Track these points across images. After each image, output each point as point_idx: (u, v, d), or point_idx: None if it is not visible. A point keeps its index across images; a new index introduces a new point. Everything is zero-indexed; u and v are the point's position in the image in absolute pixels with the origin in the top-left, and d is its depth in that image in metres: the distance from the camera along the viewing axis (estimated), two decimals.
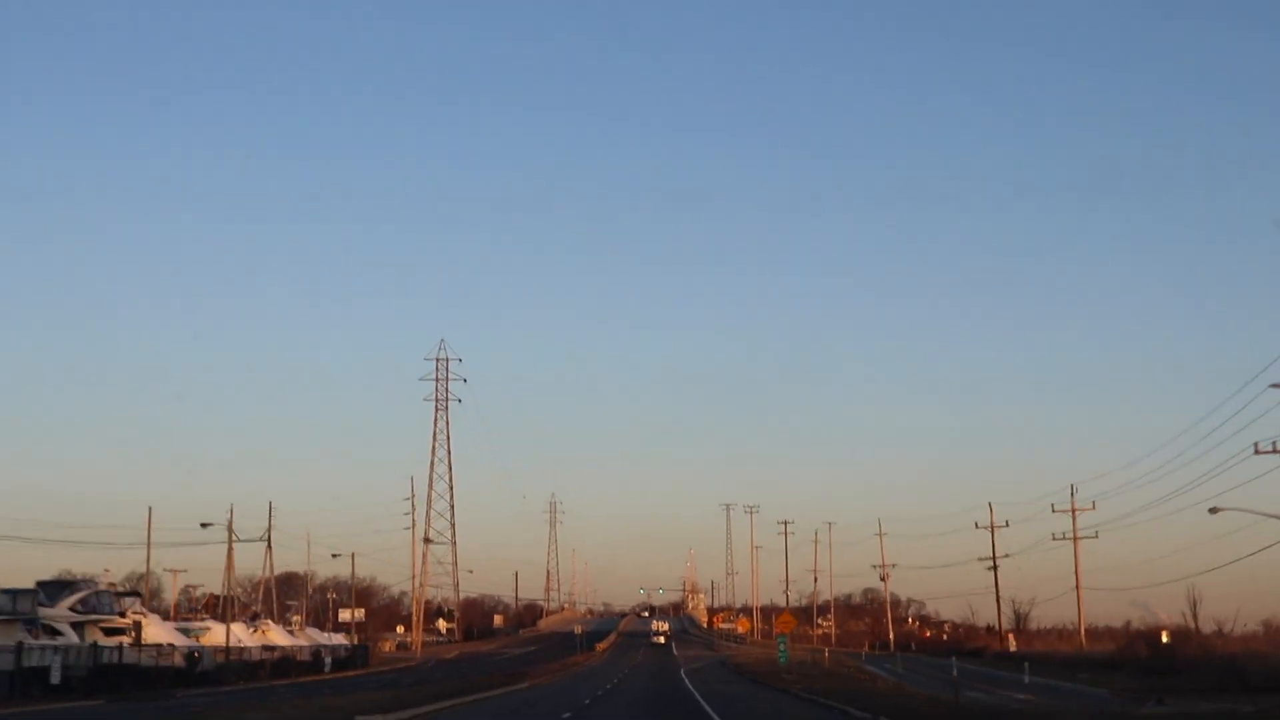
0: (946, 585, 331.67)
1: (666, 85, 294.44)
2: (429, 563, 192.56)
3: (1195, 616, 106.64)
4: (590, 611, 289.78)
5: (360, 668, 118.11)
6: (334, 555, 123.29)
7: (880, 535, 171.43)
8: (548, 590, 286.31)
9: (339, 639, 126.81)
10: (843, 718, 38.79)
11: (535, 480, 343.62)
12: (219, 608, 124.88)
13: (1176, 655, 75.29)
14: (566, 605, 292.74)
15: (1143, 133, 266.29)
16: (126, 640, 75.02)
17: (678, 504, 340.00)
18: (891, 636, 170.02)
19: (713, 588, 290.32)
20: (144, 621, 79.31)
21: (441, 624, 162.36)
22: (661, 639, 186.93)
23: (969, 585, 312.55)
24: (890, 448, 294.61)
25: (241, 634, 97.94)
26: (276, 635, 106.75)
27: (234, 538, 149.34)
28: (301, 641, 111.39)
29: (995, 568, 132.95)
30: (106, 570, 77.42)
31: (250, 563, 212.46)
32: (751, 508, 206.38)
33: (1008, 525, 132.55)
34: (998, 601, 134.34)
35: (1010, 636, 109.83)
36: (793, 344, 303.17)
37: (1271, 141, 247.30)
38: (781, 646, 70.68)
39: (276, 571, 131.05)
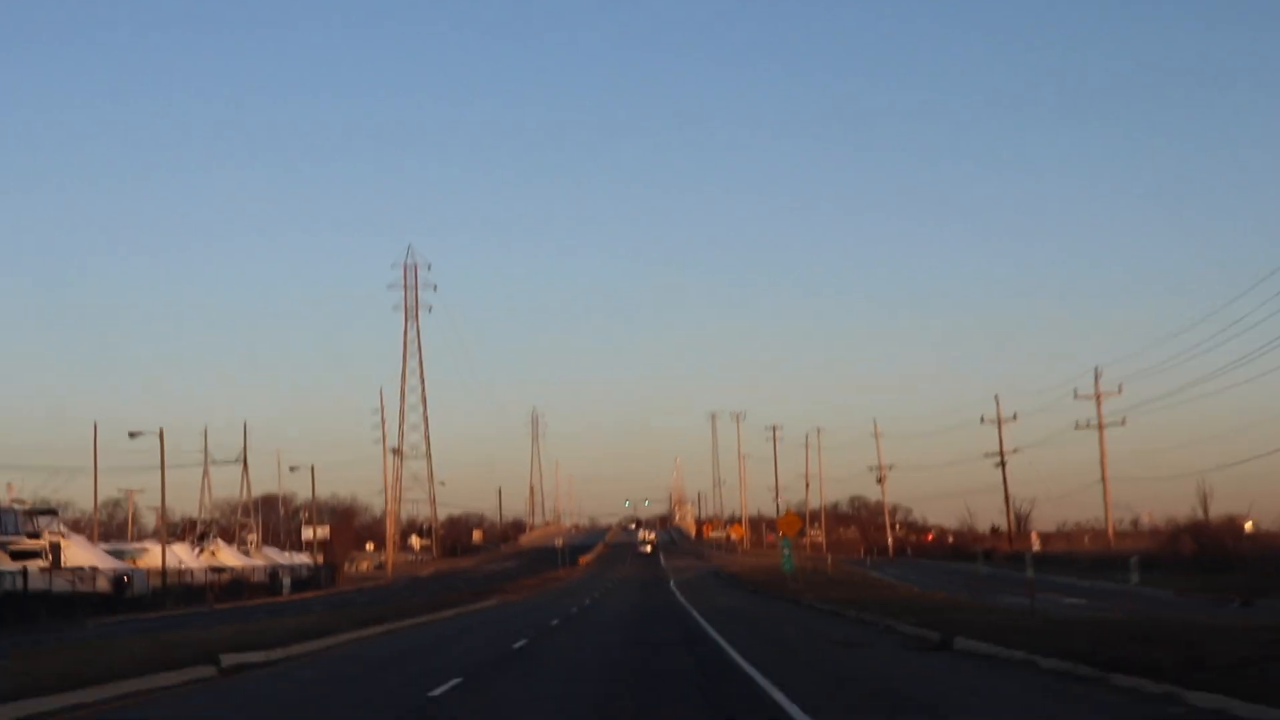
0: (946, 487, 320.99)
1: None
2: (404, 478, 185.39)
3: (1206, 511, 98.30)
4: (576, 527, 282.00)
5: (324, 588, 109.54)
6: (291, 469, 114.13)
7: (876, 435, 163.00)
8: (531, 505, 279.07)
9: (302, 559, 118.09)
10: (891, 635, 29.53)
11: (514, 392, 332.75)
12: (182, 530, 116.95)
13: (1230, 551, 66.45)
14: (550, 521, 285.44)
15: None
16: (42, 564, 65.77)
17: (663, 413, 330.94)
18: (890, 541, 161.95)
19: (699, 499, 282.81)
20: (63, 543, 70.01)
21: (415, 540, 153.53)
22: (648, 548, 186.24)
23: (970, 486, 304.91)
24: (886, 343, 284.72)
25: (185, 556, 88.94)
26: (228, 556, 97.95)
27: (209, 459, 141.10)
28: (257, 562, 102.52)
29: (1003, 464, 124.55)
30: (10, 485, 67.51)
31: (227, 487, 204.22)
32: (738, 414, 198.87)
33: (1015, 419, 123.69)
34: (1006, 500, 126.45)
35: (1034, 536, 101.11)
36: (774, 248, 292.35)
37: None
38: (785, 552, 61.54)
39: (256, 494, 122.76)
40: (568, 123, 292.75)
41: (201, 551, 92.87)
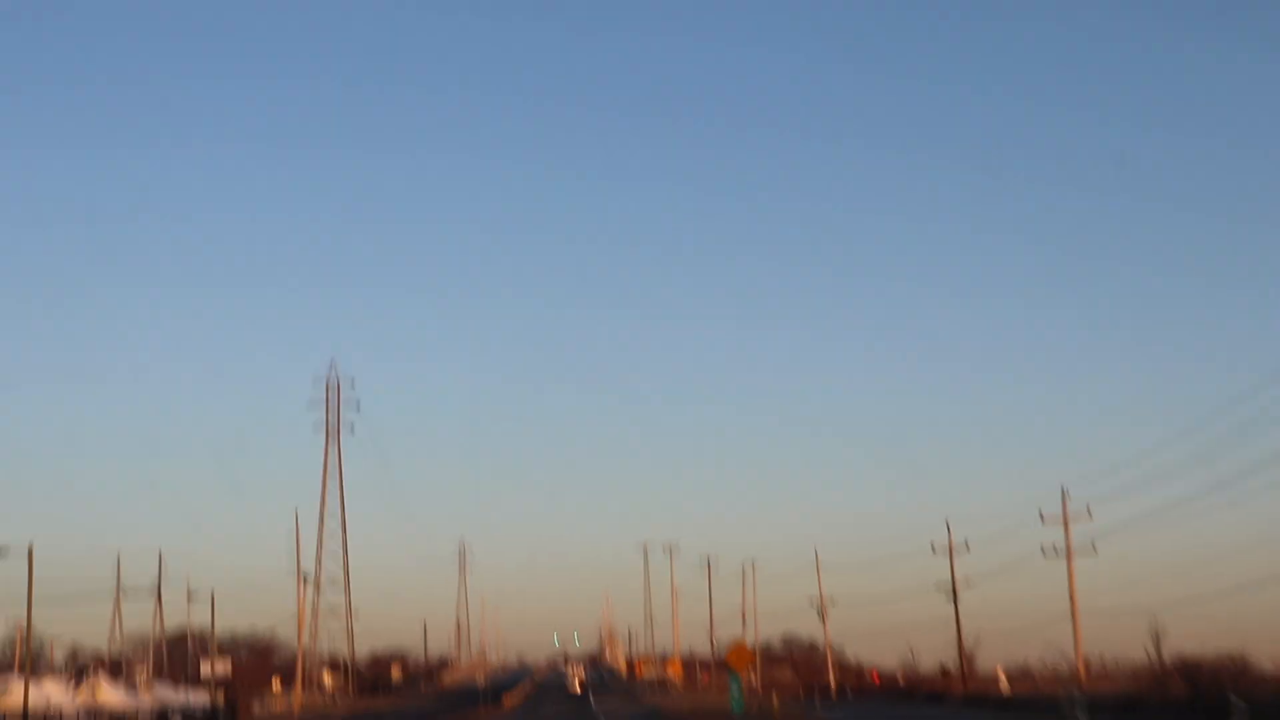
0: (887, 622, 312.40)
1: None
2: (320, 611, 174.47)
3: (1159, 650, 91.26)
4: (502, 665, 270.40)
5: None
6: (189, 600, 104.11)
7: (817, 566, 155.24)
8: (458, 641, 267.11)
9: (200, 697, 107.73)
10: None
11: (441, 521, 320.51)
12: (95, 669, 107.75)
13: (1230, 690, 59.43)
14: (476, 658, 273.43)
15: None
16: None
17: (594, 545, 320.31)
18: (833, 682, 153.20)
19: (629, 636, 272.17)
20: None
21: (328, 677, 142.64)
22: (578, 687, 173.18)
23: (913, 621, 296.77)
24: (828, 469, 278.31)
25: (58, 694, 79.03)
26: (110, 695, 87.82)
27: (121, 590, 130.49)
28: (144, 702, 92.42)
29: (955, 596, 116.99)
30: None
31: (142, 618, 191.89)
32: (670, 545, 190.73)
33: (968, 548, 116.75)
34: (959, 636, 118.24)
35: (1001, 674, 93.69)
36: (708, 371, 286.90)
37: None
38: (735, 691, 53.81)
39: (172, 626, 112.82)
40: (497, 241, 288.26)
41: (79, 689, 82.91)
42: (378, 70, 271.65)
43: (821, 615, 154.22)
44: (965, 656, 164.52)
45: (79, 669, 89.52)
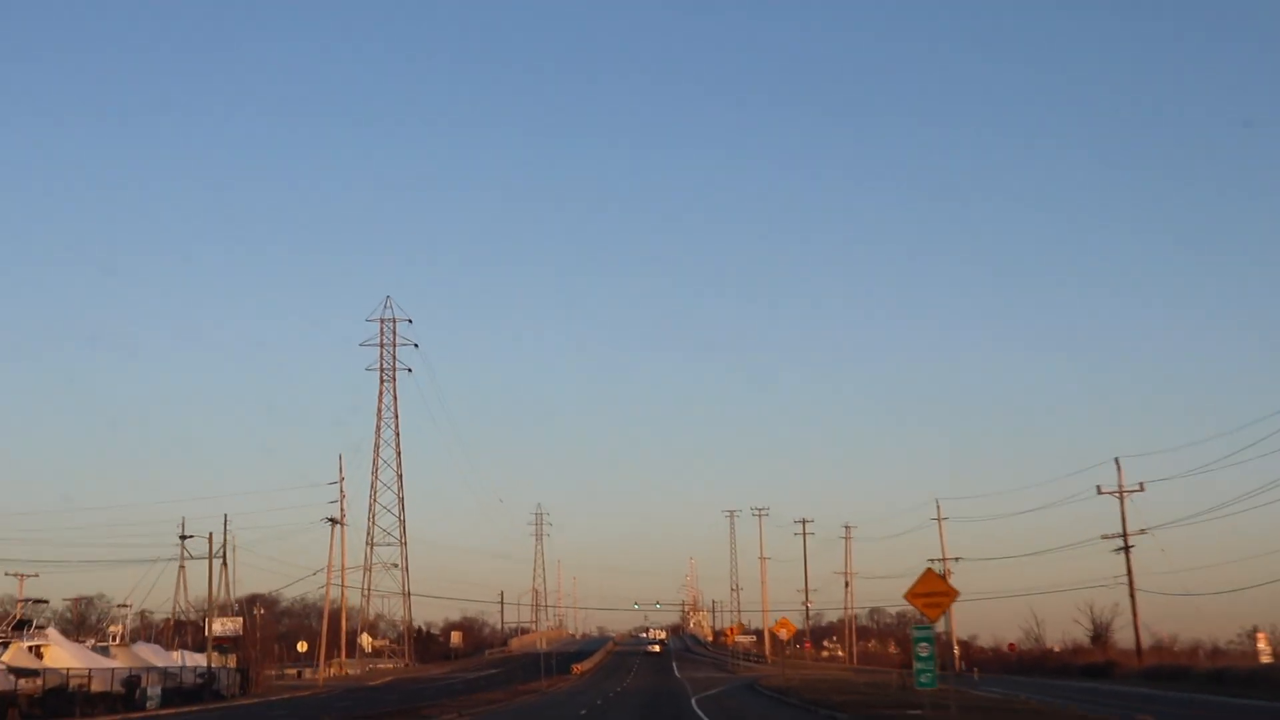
0: (990, 588, 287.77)
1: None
2: (373, 569, 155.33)
3: None
4: (582, 635, 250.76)
5: (223, 700, 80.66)
6: (221, 556, 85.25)
7: (939, 519, 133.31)
8: (535, 610, 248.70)
9: (198, 660, 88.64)
10: None
11: (514, 488, 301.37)
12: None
13: None
14: (554, 627, 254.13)
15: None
16: None
17: (677, 514, 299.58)
18: (956, 654, 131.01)
19: (713, 608, 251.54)
20: None
21: (367, 640, 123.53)
22: (657, 647, 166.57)
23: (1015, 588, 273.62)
24: (918, 433, 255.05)
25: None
26: (62, 655, 68.66)
27: (186, 554, 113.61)
28: (112, 664, 73.26)
29: (1127, 547, 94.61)
30: None
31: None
32: (760, 510, 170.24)
33: (1142, 489, 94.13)
34: (1133, 599, 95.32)
35: (1264, 640, 71.89)
36: (796, 339, 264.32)
37: None
38: (925, 653, 32.57)
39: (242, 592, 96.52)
40: (578, 207, 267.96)
41: (11, 647, 63.63)
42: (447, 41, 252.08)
43: (945, 577, 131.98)
44: (1102, 626, 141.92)
45: (17, 621, 70.05)
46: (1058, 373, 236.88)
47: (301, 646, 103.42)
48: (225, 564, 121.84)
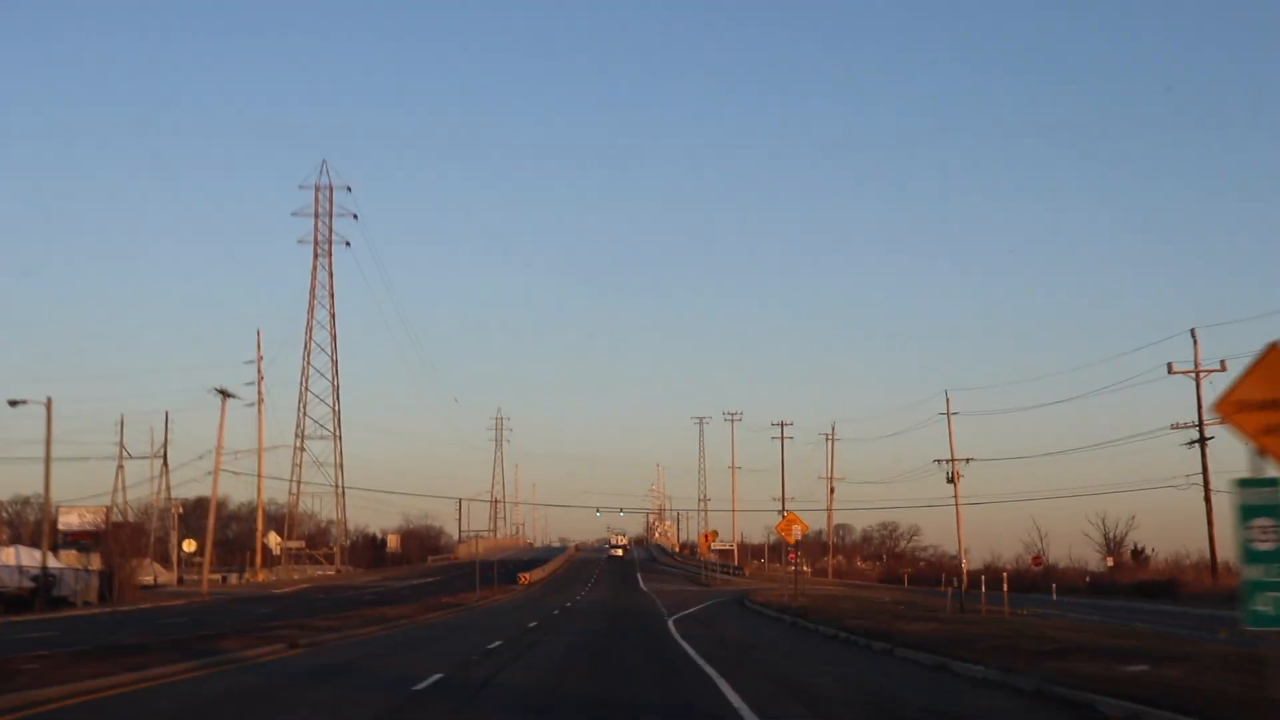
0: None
1: None
2: (304, 465, 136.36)
3: None
4: (543, 546, 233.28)
5: (51, 609, 62.12)
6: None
7: (948, 414, 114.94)
8: (493, 518, 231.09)
9: (55, 562, 69.88)
10: None
11: (464, 384, 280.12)
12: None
13: None
14: (511, 536, 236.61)
15: None
16: None
17: (644, 421, 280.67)
18: (965, 570, 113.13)
19: (677, 520, 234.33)
20: None
21: (275, 540, 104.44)
22: (620, 552, 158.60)
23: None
24: (909, 325, 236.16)
25: None
26: None
27: (125, 453, 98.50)
28: None
29: (1202, 439, 76.18)
30: None
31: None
32: (733, 414, 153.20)
33: (1223, 369, 75.03)
34: (1208, 500, 76.98)
35: None
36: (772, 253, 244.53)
37: None
38: (1270, 552, 12.92)
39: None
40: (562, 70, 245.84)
41: None
42: None
43: (953, 479, 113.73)
44: (1116, 541, 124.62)
45: None
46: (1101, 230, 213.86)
47: (189, 545, 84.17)
48: (165, 464, 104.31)
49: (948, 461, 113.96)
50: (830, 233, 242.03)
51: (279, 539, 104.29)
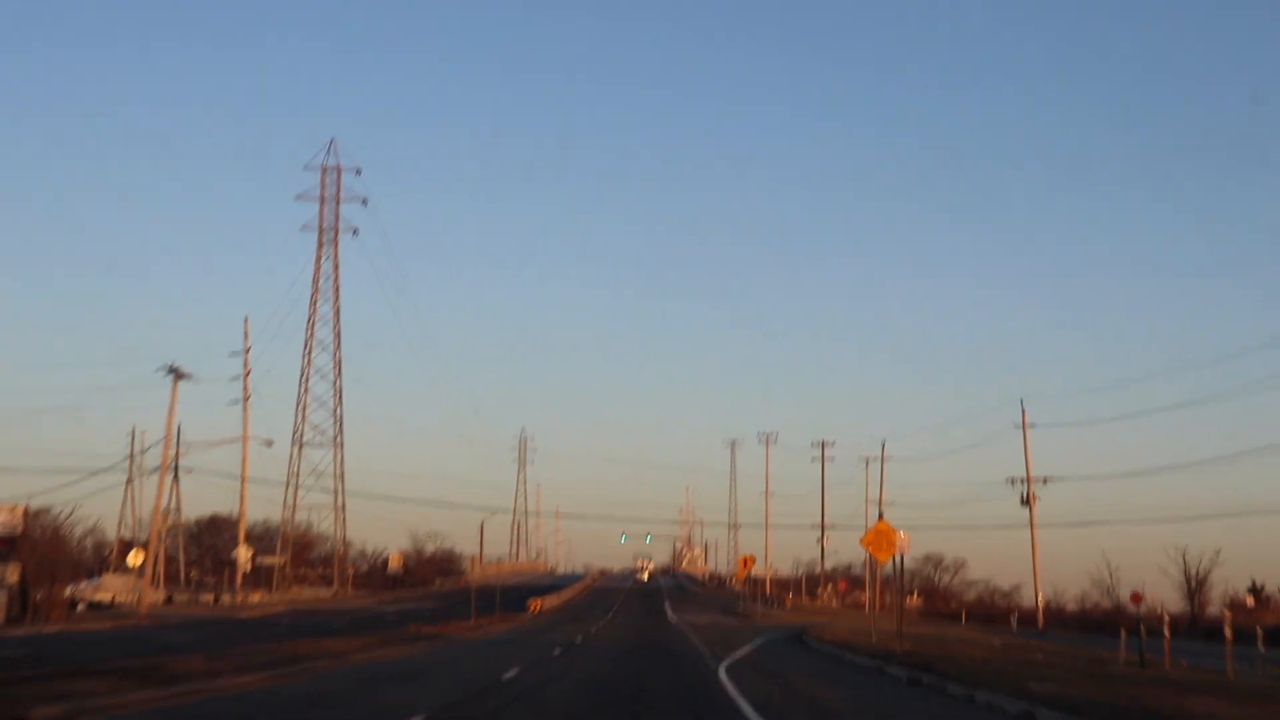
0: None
1: None
2: (301, 474, 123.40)
3: None
4: (565, 573, 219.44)
5: None
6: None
7: (1024, 427, 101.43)
8: (514, 543, 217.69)
9: None
10: None
11: (483, 398, 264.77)
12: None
13: None
14: (533, 560, 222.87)
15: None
16: None
17: (673, 445, 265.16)
18: (1040, 606, 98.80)
19: (706, 548, 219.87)
20: None
21: (243, 554, 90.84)
22: (645, 576, 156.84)
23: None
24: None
25: None
26: None
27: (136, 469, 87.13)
28: None
29: None
30: None
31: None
32: (768, 434, 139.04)
33: None
34: None
35: None
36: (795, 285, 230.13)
37: None
38: None
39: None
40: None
41: None
42: None
43: (1029, 502, 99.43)
44: (1199, 578, 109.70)
45: None
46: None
47: (135, 558, 70.81)
48: (176, 479, 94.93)
49: (1022, 481, 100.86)
50: (878, 231, 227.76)
51: (247, 553, 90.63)
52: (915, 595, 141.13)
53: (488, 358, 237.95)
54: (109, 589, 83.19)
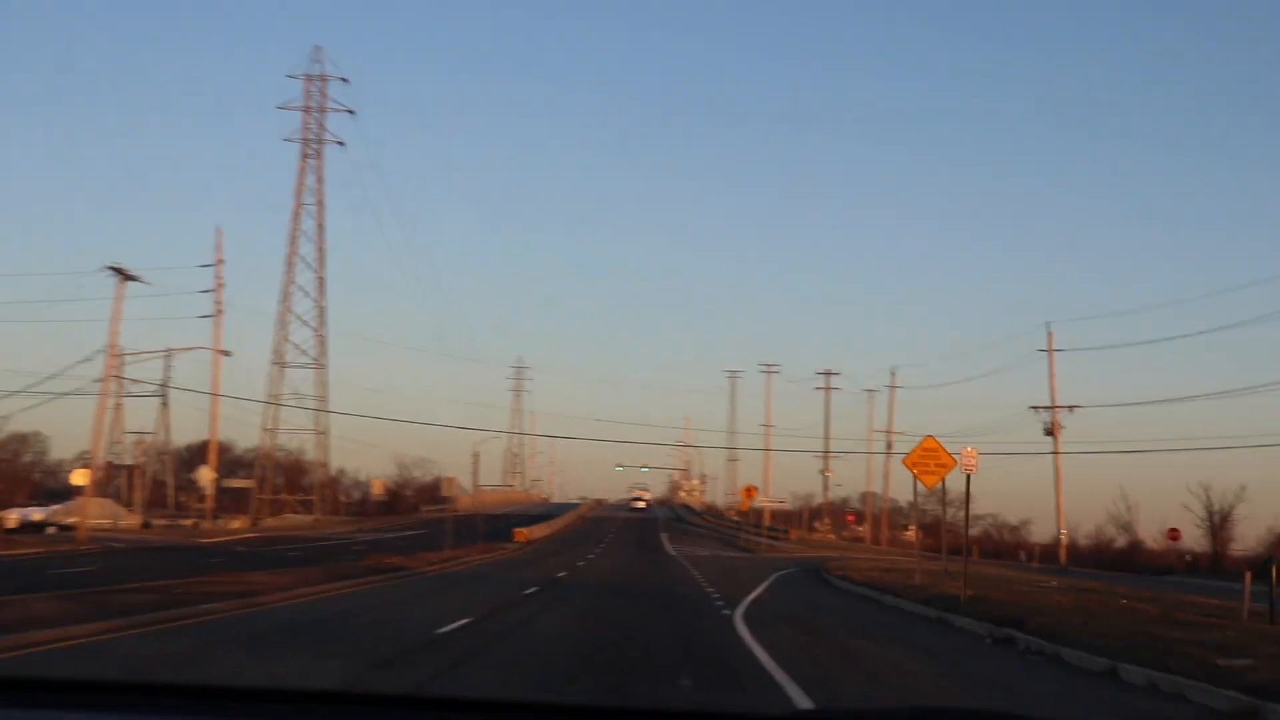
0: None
1: None
2: (283, 393, 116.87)
3: None
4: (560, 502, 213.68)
5: None
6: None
7: (1050, 351, 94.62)
8: (509, 473, 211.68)
9: None
10: None
11: (470, 315, 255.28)
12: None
13: None
14: (528, 489, 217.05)
15: None
16: None
17: (672, 377, 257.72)
18: (1064, 541, 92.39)
19: (703, 480, 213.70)
20: None
21: (206, 474, 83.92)
22: (642, 504, 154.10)
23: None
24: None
25: None
26: None
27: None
28: None
29: None
30: None
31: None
32: (770, 366, 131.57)
33: None
34: None
35: None
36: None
37: None
38: None
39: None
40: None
41: None
42: None
43: (1053, 431, 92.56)
44: (1212, 518, 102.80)
45: None
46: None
47: (79, 477, 63.91)
48: (165, 403, 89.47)
49: (1045, 409, 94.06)
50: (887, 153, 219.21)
51: (211, 472, 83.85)
52: (915, 528, 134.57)
53: (481, 281, 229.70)
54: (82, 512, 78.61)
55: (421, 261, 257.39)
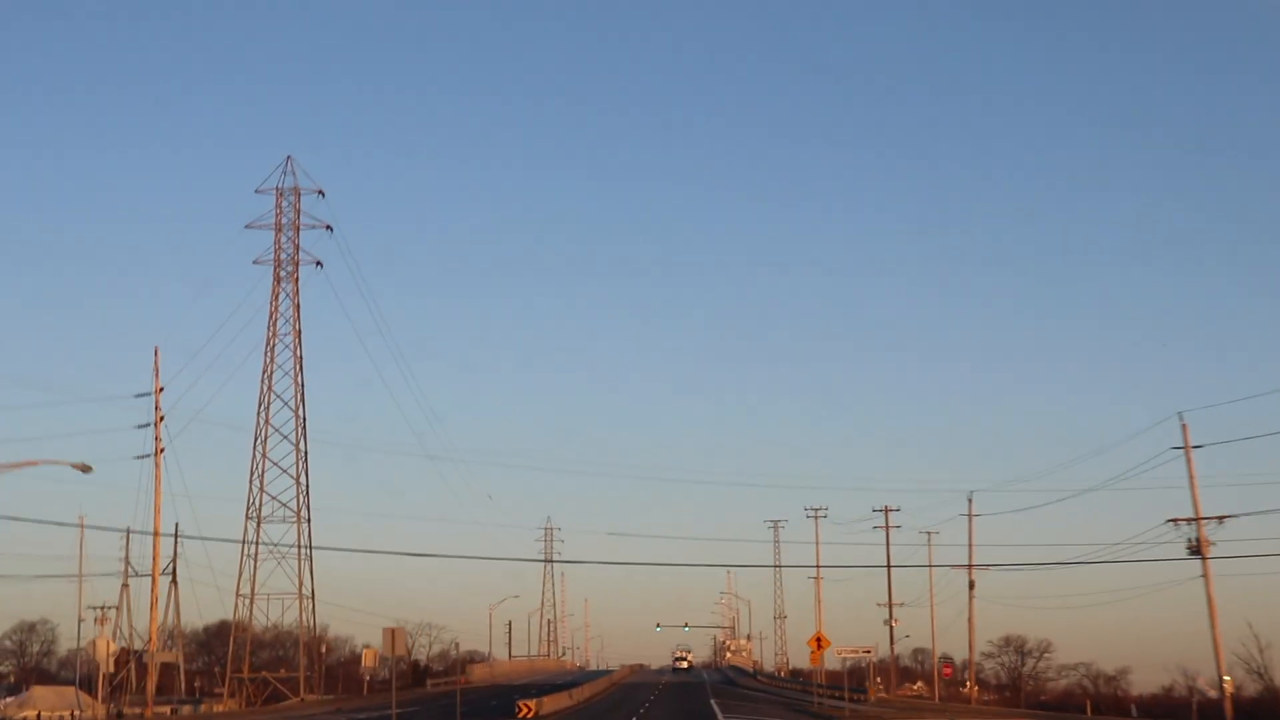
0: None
1: None
2: (259, 554, 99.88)
3: None
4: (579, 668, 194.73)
5: None
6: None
7: (1186, 448, 76.06)
8: (546, 643, 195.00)
9: None
10: None
11: (515, 496, 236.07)
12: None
13: None
14: (546, 657, 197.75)
15: None
16: None
17: (711, 532, 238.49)
18: (1230, 695, 72.87)
19: (749, 638, 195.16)
20: None
21: (103, 651, 67.29)
22: (685, 664, 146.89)
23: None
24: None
25: None
26: None
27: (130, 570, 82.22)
28: None
29: None
30: None
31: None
32: (817, 510, 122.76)
33: None
34: None
35: None
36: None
37: None
38: None
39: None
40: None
41: None
42: None
43: (1199, 548, 73.50)
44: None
45: None
46: None
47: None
48: (175, 581, 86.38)
49: (1188, 522, 75.31)
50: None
51: (109, 648, 67.06)
52: (974, 685, 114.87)
53: (497, 435, 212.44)
54: (36, 704, 76.43)
55: (417, 389, 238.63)
